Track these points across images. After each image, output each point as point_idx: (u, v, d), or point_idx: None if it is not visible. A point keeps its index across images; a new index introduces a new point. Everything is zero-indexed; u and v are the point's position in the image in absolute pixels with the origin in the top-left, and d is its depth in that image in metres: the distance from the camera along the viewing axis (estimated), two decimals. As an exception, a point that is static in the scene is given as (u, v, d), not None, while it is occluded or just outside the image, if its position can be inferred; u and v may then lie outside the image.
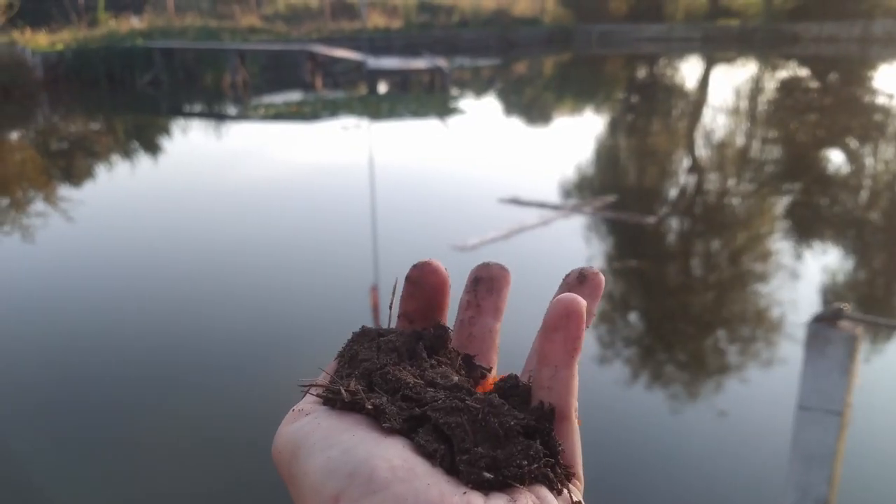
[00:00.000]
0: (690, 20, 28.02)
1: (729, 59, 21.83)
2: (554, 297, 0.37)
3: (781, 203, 7.06)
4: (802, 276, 5.14)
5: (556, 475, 0.34)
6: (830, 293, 4.79)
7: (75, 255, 5.73)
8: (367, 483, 0.30)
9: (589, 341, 4.19)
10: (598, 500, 2.83)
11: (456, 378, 0.38)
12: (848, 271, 5.32)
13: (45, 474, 3.01)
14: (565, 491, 0.34)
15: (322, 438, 0.33)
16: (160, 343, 4.17)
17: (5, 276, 5.28)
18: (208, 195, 7.41)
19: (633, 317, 4.75)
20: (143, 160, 9.61)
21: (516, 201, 6.55)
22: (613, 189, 7.39)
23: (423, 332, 0.41)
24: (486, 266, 0.42)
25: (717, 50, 23.91)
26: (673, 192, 7.66)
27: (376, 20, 23.26)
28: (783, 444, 2.89)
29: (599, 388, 3.68)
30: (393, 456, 0.32)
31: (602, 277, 0.39)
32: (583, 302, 0.36)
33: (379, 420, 0.34)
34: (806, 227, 6.30)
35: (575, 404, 0.36)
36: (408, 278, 0.41)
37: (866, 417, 3.05)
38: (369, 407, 0.35)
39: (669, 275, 5.37)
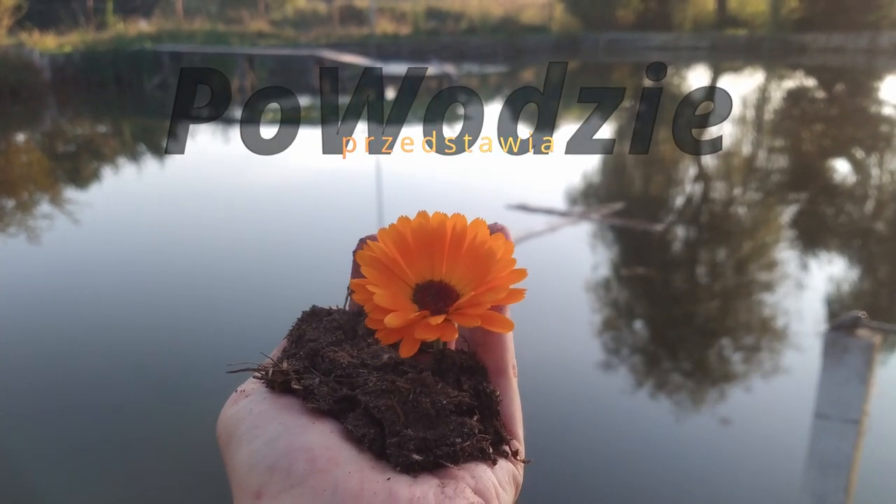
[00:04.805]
0: (698, 29, 28.00)
1: (736, 69, 21.83)
2: None
3: (787, 212, 7.05)
4: (808, 285, 5.12)
5: (492, 445, 0.33)
6: (836, 303, 4.78)
7: (81, 258, 5.74)
8: (286, 477, 0.30)
9: (593, 347, 4.19)
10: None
11: (385, 357, 0.37)
12: (853, 281, 5.31)
13: (54, 477, 3.01)
14: (502, 460, 0.34)
15: (250, 428, 0.32)
16: (167, 347, 4.18)
17: (10, 278, 5.29)
18: (215, 198, 7.42)
19: (638, 324, 4.75)
20: (151, 163, 9.63)
21: (524, 207, 6.55)
22: (621, 196, 7.39)
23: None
24: None
25: (724, 59, 23.92)
26: (680, 201, 7.65)
27: (385, 26, 23.30)
28: (789, 453, 2.89)
29: (603, 396, 3.68)
30: (315, 444, 0.31)
31: (507, 233, 0.40)
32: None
33: (307, 401, 0.34)
34: (812, 237, 6.29)
35: (512, 360, 0.36)
36: (354, 255, 0.41)
37: (882, 426, 3.04)
38: (297, 388, 0.34)
39: (675, 282, 5.36)
